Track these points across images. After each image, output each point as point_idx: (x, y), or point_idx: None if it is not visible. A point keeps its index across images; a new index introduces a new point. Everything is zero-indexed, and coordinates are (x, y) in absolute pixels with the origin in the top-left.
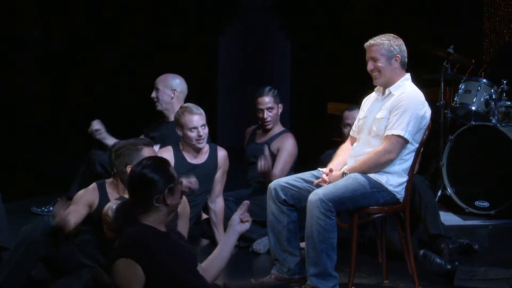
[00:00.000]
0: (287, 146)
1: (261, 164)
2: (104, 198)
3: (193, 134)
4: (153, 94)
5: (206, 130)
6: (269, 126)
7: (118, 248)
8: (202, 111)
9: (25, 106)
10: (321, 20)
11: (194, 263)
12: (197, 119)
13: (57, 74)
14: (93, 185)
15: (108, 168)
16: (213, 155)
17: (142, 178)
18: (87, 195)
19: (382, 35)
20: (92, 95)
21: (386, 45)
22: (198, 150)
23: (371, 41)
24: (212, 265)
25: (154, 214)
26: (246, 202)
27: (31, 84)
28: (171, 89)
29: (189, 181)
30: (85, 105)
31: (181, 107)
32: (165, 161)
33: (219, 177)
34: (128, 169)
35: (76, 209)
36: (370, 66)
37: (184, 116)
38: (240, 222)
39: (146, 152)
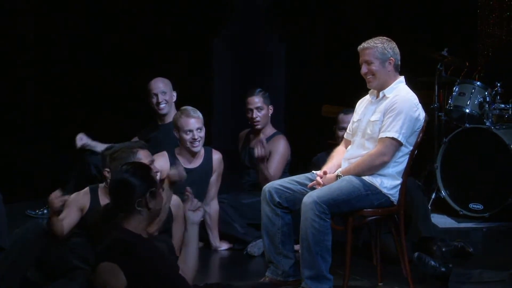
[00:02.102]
0: (279, 148)
1: (258, 150)
2: (95, 203)
3: (188, 137)
4: (162, 98)
5: (202, 133)
6: (258, 126)
7: (101, 252)
8: (200, 115)
9: (23, 108)
10: (316, 22)
11: (176, 267)
12: (193, 122)
13: (55, 77)
14: (86, 189)
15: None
16: (208, 158)
17: (123, 182)
18: (78, 199)
19: (376, 38)
20: (90, 97)
21: (379, 48)
22: (193, 154)
23: (364, 44)
24: (185, 265)
25: (135, 219)
26: (188, 189)
27: (30, 86)
28: (174, 92)
29: (177, 170)
30: (82, 107)
31: (179, 110)
32: (146, 166)
33: (214, 180)
34: (105, 173)
35: (69, 213)
36: (363, 69)
37: (181, 119)
38: (193, 212)
39: (142, 155)
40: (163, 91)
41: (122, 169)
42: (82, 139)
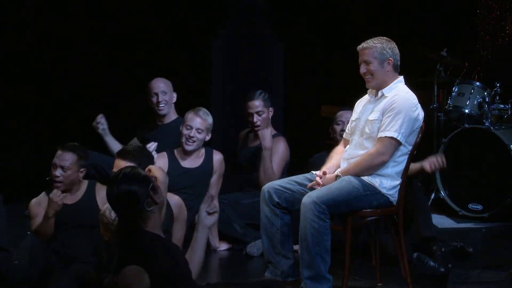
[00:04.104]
0: (279, 150)
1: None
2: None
3: (186, 132)
4: (162, 97)
5: (201, 136)
6: (259, 130)
7: (126, 255)
8: (209, 119)
9: (23, 107)
10: (315, 22)
11: (188, 266)
12: (197, 120)
13: (55, 77)
14: (42, 193)
15: (101, 171)
16: (208, 159)
17: (124, 195)
18: (41, 200)
19: (375, 38)
20: (90, 97)
21: (378, 48)
22: (191, 154)
23: (363, 44)
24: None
25: (151, 218)
26: (209, 194)
27: (30, 85)
28: (174, 93)
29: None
30: (82, 107)
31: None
32: (132, 168)
33: (215, 180)
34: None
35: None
36: (362, 69)
37: (189, 114)
38: (208, 215)
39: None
40: (163, 91)
41: (115, 182)
42: (101, 118)
